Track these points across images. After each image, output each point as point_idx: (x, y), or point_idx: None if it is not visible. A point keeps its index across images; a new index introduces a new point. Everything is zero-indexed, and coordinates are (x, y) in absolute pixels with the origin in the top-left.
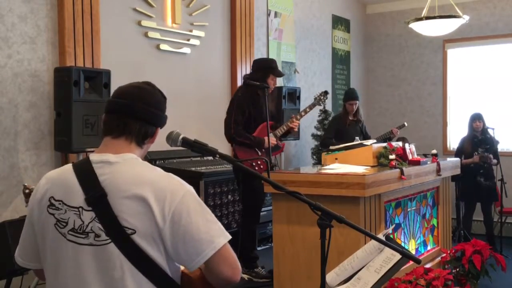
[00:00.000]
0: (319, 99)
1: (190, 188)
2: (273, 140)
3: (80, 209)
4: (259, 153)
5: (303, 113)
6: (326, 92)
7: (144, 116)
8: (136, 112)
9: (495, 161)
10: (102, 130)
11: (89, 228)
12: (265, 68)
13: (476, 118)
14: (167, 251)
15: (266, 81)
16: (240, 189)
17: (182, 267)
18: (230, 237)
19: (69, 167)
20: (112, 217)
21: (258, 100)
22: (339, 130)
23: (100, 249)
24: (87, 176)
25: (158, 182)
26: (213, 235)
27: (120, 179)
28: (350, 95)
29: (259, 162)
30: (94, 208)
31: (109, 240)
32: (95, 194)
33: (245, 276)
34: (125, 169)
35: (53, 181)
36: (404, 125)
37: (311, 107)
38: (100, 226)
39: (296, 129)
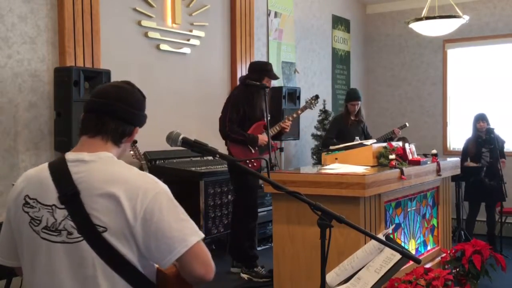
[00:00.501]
0: (310, 103)
1: (164, 187)
2: (265, 138)
3: (53, 207)
4: (253, 151)
5: (294, 115)
6: (317, 97)
7: (121, 115)
8: (113, 111)
9: (503, 159)
10: (80, 129)
11: (62, 226)
12: (260, 70)
13: (480, 119)
14: (139, 249)
15: (261, 82)
16: (234, 187)
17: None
18: (203, 235)
19: (45, 165)
20: (84, 215)
21: (253, 100)
22: (341, 130)
23: (73, 247)
24: (61, 175)
25: (131, 180)
26: (185, 233)
27: (93, 177)
28: (352, 96)
29: (253, 161)
30: (67, 206)
31: (81, 238)
32: (68, 192)
33: (245, 276)
34: (99, 167)
35: (29, 180)
36: (405, 126)
37: (303, 109)
38: (72, 224)
39: (287, 130)
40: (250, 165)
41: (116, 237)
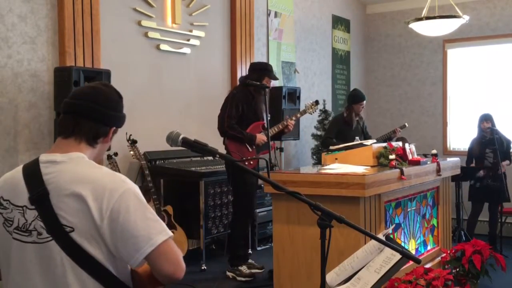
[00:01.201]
0: (310, 108)
1: (132, 186)
2: (263, 138)
3: (24, 208)
4: (250, 150)
5: (294, 118)
6: (317, 102)
7: (95, 116)
8: (87, 112)
9: (507, 162)
10: (57, 131)
11: (32, 226)
12: (260, 70)
13: (484, 119)
14: (108, 249)
15: (261, 83)
16: (232, 187)
17: None
18: (171, 234)
19: (20, 167)
20: (52, 216)
21: (252, 100)
22: (341, 131)
23: (43, 247)
24: (32, 176)
25: (98, 180)
26: (151, 232)
27: (62, 177)
28: (360, 96)
29: (251, 162)
30: (37, 207)
31: (50, 238)
32: (38, 193)
33: (230, 274)
34: (69, 168)
35: (4, 182)
36: (405, 126)
37: (302, 113)
38: (41, 224)
39: (291, 128)
40: (246, 164)
41: (83, 237)
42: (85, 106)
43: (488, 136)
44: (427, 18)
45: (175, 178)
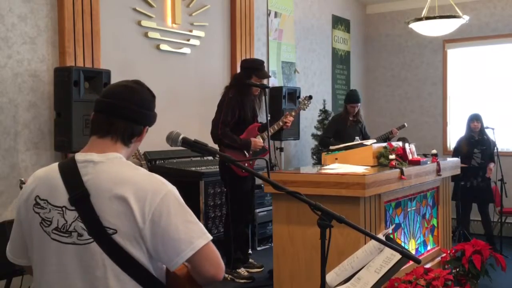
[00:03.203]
0: (304, 103)
1: (172, 188)
2: (259, 142)
3: (64, 208)
4: (247, 155)
5: (294, 113)
6: (310, 97)
7: (130, 116)
8: (122, 112)
9: (492, 164)
10: (90, 129)
11: (72, 228)
12: (248, 68)
13: (474, 119)
14: (148, 251)
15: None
16: (227, 191)
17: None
18: (211, 237)
19: (55, 166)
20: (94, 217)
21: (248, 102)
22: (339, 130)
23: (83, 248)
24: (71, 176)
25: (139, 182)
26: (192, 236)
27: (102, 179)
28: (352, 98)
29: (250, 162)
30: (77, 208)
31: (92, 240)
32: (78, 194)
33: (228, 276)
34: (108, 169)
35: (39, 180)
36: (404, 126)
37: (296, 111)
38: (82, 225)
39: (289, 125)
40: (243, 171)
41: (126, 239)
42: (121, 106)
43: (476, 136)
44: (427, 18)
45: (175, 178)
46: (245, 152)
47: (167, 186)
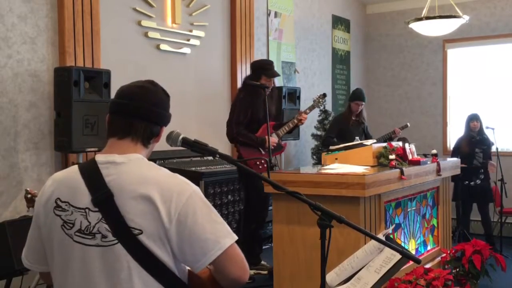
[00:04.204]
0: (318, 101)
1: (196, 189)
2: (274, 140)
3: (87, 210)
4: (263, 152)
5: (308, 110)
6: (324, 95)
7: (149, 116)
8: (141, 113)
9: (493, 169)
10: (107, 131)
11: (96, 229)
12: (257, 68)
13: (474, 119)
14: (173, 252)
15: (259, 82)
16: (243, 188)
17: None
18: (236, 237)
19: (75, 168)
20: (118, 218)
21: (259, 101)
22: (342, 130)
23: (107, 250)
24: (93, 177)
25: (164, 182)
26: (219, 235)
27: (126, 179)
28: (358, 95)
29: (262, 161)
30: (101, 209)
31: (116, 241)
32: (102, 195)
33: None
34: (131, 169)
35: (59, 183)
36: (407, 126)
37: (311, 108)
38: (106, 226)
39: (304, 122)
40: (260, 167)
41: (151, 240)
42: (139, 107)
43: (477, 136)
44: (427, 18)
45: None
46: (261, 149)
47: (191, 186)
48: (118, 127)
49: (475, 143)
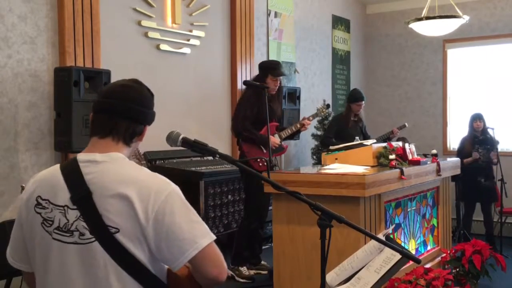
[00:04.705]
0: (321, 111)
1: (175, 188)
2: (277, 141)
3: (66, 207)
4: (264, 151)
5: (311, 117)
6: (328, 106)
7: (131, 115)
8: (123, 112)
9: (495, 160)
10: (90, 130)
11: (74, 227)
12: (264, 68)
13: (477, 118)
14: (151, 250)
15: (266, 81)
16: (244, 186)
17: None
18: (214, 237)
19: (56, 167)
20: (96, 216)
21: (264, 101)
22: (340, 130)
23: (85, 248)
24: (73, 175)
25: (143, 181)
26: (196, 235)
27: (106, 178)
28: (358, 96)
29: (263, 160)
30: (79, 207)
31: (94, 239)
32: (80, 193)
33: (229, 272)
34: (111, 168)
35: (40, 181)
36: (405, 126)
37: (314, 116)
38: (84, 224)
39: (307, 127)
40: (260, 164)
41: (128, 238)
42: (121, 106)
43: (480, 136)
44: (427, 18)
45: (175, 178)
46: (262, 148)
47: (170, 185)
48: (100, 126)
49: (478, 143)
